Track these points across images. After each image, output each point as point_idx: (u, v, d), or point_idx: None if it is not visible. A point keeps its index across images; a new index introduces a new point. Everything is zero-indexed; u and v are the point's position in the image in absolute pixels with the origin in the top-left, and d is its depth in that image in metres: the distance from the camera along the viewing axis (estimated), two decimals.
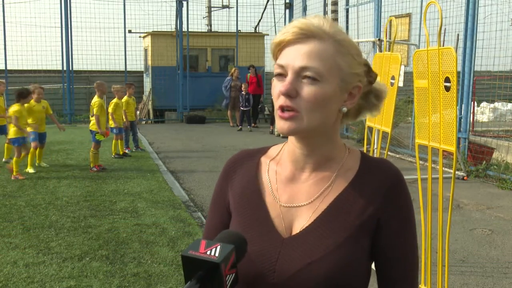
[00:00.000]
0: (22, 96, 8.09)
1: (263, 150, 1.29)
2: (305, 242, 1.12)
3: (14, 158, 7.89)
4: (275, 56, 1.13)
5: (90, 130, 8.81)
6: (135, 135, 10.81)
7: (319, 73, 1.07)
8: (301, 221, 1.15)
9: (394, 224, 1.13)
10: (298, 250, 1.12)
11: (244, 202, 1.22)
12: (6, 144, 9.01)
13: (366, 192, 1.14)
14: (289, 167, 1.20)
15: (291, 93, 1.07)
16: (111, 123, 9.67)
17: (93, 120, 8.71)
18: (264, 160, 1.26)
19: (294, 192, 1.18)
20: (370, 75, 1.18)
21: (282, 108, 1.08)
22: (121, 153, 9.95)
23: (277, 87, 1.10)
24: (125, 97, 10.39)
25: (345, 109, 1.14)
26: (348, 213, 1.13)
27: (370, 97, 1.21)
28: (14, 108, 7.95)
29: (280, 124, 1.10)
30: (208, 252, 0.92)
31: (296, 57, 1.07)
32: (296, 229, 1.15)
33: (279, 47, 1.11)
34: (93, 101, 8.81)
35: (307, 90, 1.07)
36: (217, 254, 0.91)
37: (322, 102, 1.08)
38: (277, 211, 1.17)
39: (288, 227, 1.16)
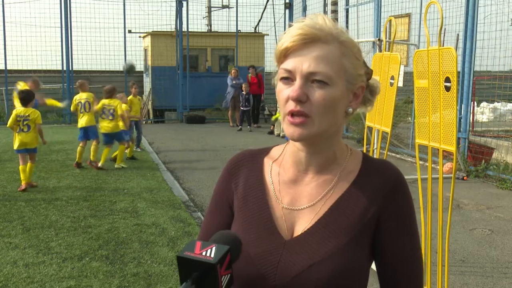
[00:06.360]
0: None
1: (265, 151, 1.29)
2: (306, 244, 1.12)
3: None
4: (280, 60, 1.12)
5: (88, 127, 8.79)
6: (139, 135, 10.77)
7: (328, 76, 1.07)
8: (303, 224, 1.15)
9: (395, 225, 1.14)
10: (300, 253, 1.11)
11: (247, 203, 1.21)
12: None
13: (367, 194, 1.14)
14: (292, 169, 1.20)
15: (302, 98, 1.06)
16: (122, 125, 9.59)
17: (87, 116, 8.71)
18: (266, 161, 1.26)
19: (297, 194, 1.18)
20: (367, 72, 1.18)
21: (292, 113, 1.08)
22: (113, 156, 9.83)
23: (285, 91, 1.09)
24: (130, 96, 10.35)
25: (351, 110, 1.15)
26: (350, 216, 1.13)
27: (366, 93, 1.21)
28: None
29: (290, 130, 1.09)
30: (204, 253, 0.92)
31: (303, 61, 1.07)
32: (298, 232, 1.15)
33: (284, 53, 1.10)
34: (87, 95, 8.83)
35: (317, 94, 1.07)
36: (212, 255, 0.91)
37: (332, 105, 1.09)
38: (279, 213, 1.17)
39: (290, 229, 1.16)
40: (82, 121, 8.79)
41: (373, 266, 1.18)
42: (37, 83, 9.49)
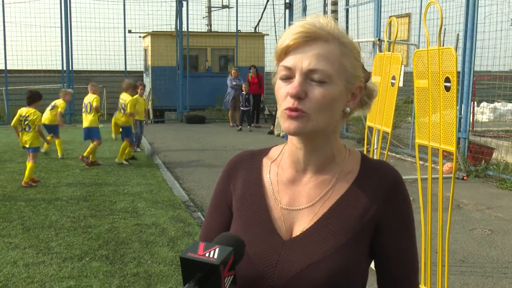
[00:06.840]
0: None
1: (265, 151, 1.29)
2: (305, 244, 1.12)
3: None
4: (280, 58, 1.12)
5: (90, 128, 8.82)
6: (140, 135, 10.76)
7: (328, 74, 1.08)
8: (302, 224, 1.15)
9: (393, 225, 1.14)
10: (298, 253, 1.12)
11: (245, 203, 1.22)
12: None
13: (366, 195, 1.15)
14: (290, 169, 1.20)
15: (301, 95, 1.07)
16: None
17: (91, 116, 8.79)
18: (265, 161, 1.26)
19: (295, 194, 1.18)
20: (365, 74, 1.19)
21: (290, 110, 1.09)
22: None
23: (284, 88, 1.10)
24: (136, 96, 10.34)
25: (348, 109, 1.15)
26: (349, 216, 1.14)
27: (363, 96, 1.21)
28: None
29: (287, 124, 1.09)
30: (207, 254, 0.92)
31: (303, 59, 1.08)
32: (297, 232, 1.15)
33: (285, 50, 1.11)
34: (91, 97, 8.91)
35: (316, 91, 1.07)
36: (215, 256, 0.91)
37: (330, 103, 1.09)
38: (278, 213, 1.18)
39: (289, 230, 1.16)
40: (85, 122, 8.95)
41: (372, 265, 1.19)
42: (70, 95, 10.10)
